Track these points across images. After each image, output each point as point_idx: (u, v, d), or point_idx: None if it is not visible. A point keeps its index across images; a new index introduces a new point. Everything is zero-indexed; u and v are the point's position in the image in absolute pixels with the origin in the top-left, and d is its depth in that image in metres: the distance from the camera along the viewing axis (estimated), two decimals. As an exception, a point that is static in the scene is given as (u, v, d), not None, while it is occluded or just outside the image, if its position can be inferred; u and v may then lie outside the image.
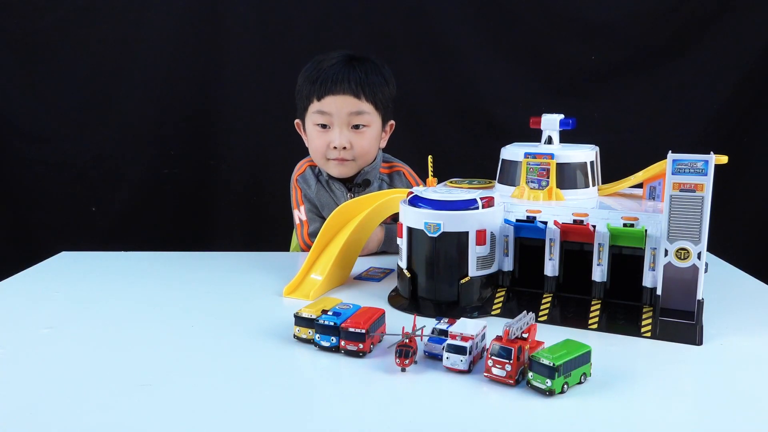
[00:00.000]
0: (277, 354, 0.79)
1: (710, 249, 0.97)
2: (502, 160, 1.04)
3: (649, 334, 0.82)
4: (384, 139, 1.39)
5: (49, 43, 1.70)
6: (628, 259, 0.86)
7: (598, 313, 0.87)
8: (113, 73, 1.73)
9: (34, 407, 0.65)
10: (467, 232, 0.90)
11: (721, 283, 1.03)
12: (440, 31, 1.67)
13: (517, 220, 0.92)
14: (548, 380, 0.65)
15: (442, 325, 0.77)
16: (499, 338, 0.70)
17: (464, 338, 0.72)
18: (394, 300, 0.98)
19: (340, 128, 1.28)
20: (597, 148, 1.01)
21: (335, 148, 1.28)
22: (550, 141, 1.02)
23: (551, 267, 0.91)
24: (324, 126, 1.29)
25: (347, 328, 0.76)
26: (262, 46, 1.73)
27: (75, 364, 0.76)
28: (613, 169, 1.06)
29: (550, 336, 0.75)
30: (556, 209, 0.91)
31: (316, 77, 1.28)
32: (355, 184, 1.35)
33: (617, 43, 1.68)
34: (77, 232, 1.81)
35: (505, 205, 0.93)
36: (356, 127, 1.29)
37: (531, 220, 0.91)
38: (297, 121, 1.38)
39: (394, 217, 1.01)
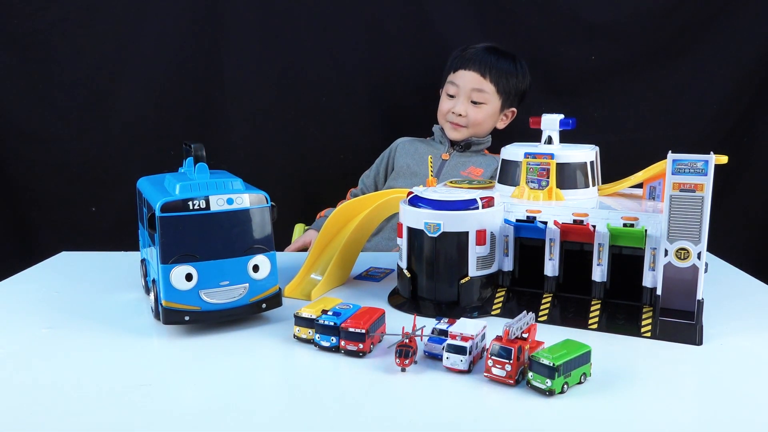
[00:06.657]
0: (277, 354, 0.79)
1: (710, 249, 0.96)
2: (502, 160, 1.04)
3: (649, 334, 0.82)
4: (504, 122, 1.61)
5: (49, 43, 1.69)
6: (628, 259, 0.86)
7: (598, 313, 0.87)
8: (113, 73, 1.72)
9: (34, 407, 0.65)
10: (467, 232, 0.90)
11: (721, 283, 1.03)
12: (440, 31, 1.67)
13: (517, 220, 0.91)
14: (548, 380, 0.65)
15: (442, 325, 0.77)
16: (499, 338, 0.70)
17: (464, 338, 0.72)
18: (394, 300, 0.98)
19: (461, 99, 1.54)
20: (597, 148, 1.01)
21: (453, 113, 1.54)
22: (550, 141, 1.02)
23: (551, 267, 0.91)
24: (451, 96, 1.56)
25: (347, 328, 0.76)
26: (263, 47, 1.73)
27: (75, 364, 0.76)
28: (613, 169, 1.06)
29: (550, 336, 0.75)
30: (556, 209, 0.91)
31: (459, 55, 1.56)
32: (458, 144, 1.58)
33: (617, 43, 1.67)
34: (77, 232, 1.81)
35: (505, 205, 0.93)
36: (475, 103, 1.53)
37: (531, 220, 0.91)
38: (440, 90, 1.62)
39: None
